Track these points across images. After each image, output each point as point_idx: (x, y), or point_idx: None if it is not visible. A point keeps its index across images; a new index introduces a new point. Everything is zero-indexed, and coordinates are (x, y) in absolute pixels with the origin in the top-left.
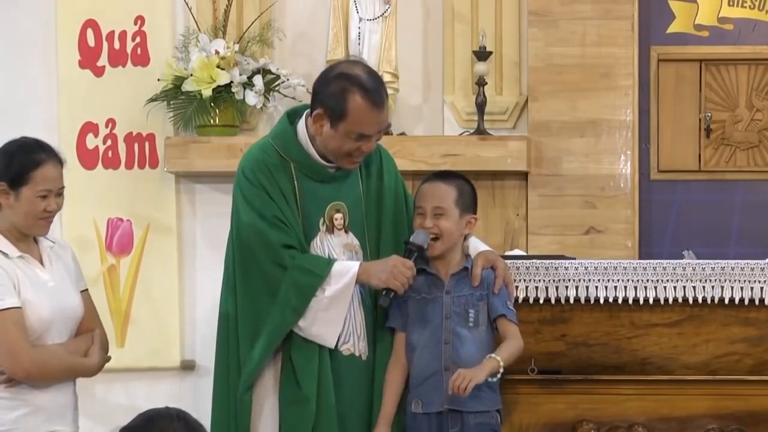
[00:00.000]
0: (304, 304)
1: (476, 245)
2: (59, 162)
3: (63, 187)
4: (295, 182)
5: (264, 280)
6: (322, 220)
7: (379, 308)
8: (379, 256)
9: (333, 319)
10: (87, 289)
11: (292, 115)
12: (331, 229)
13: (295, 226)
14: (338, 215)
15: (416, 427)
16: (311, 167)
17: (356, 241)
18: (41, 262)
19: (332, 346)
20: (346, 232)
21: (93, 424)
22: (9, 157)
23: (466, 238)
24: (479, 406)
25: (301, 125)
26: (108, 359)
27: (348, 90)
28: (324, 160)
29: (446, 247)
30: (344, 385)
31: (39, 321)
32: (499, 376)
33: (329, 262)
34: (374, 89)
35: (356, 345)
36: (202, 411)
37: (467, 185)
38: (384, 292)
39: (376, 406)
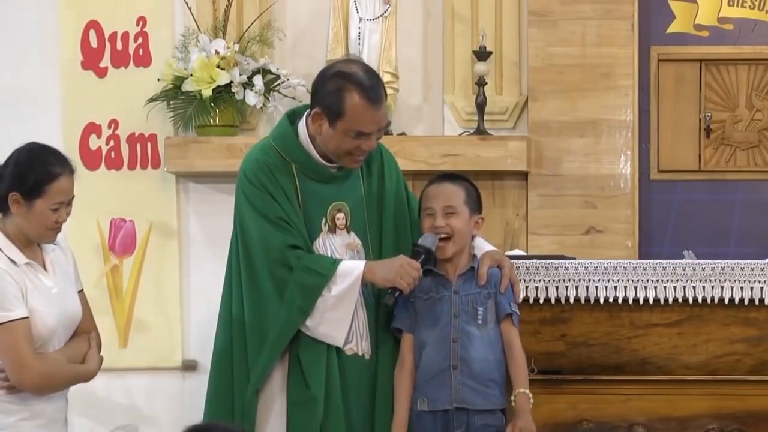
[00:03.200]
0: (310, 304)
1: (482, 245)
2: (72, 172)
3: (73, 197)
4: (297, 183)
5: (270, 281)
6: (324, 220)
7: (383, 306)
8: (381, 256)
9: (340, 318)
10: (82, 290)
11: (293, 116)
12: (333, 229)
13: (299, 226)
14: (340, 215)
15: (421, 426)
16: (312, 168)
17: (358, 241)
18: (44, 267)
19: (341, 345)
20: (348, 231)
21: (93, 424)
22: (24, 168)
23: (473, 239)
24: (486, 404)
25: (301, 126)
26: (101, 360)
27: (345, 88)
28: (325, 160)
29: (457, 247)
30: (348, 385)
31: (45, 329)
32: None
33: (334, 261)
34: (371, 87)
35: (359, 344)
36: (203, 411)
37: (472, 186)
38: (389, 291)
39: (380, 405)
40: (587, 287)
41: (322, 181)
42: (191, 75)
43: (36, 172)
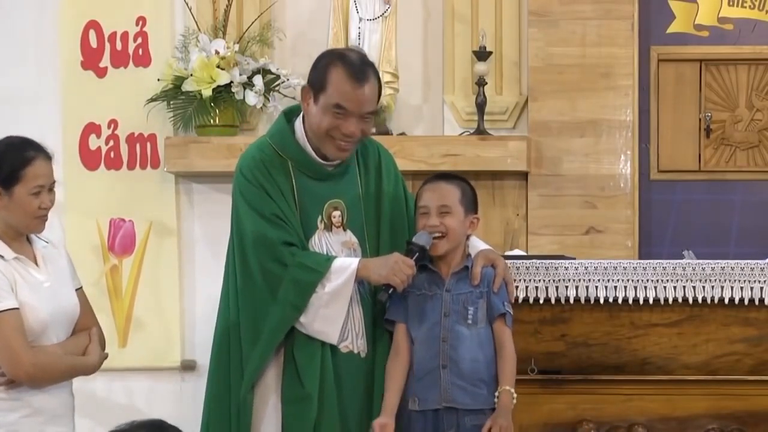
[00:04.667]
0: (304, 301)
1: (477, 245)
2: (48, 157)
3: (54, 182)
4: (293, 180)
5: (265, 278)
6: (320, 218)
7: (378, 303)
8: (378, 255)
9: (334, 315)
10: (81, 287)
11: (289, 114)
12: (329, 226)
13: (294, 224)
14: (336, 213)
15: (411, 426)
16: (308, 165)
17: (355, 239)
18: (35, 263)
19: (335, 342)
20: (344, 229)
21: (93, 424)
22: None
23: (468, 238)
24: (475, 404)
25: (298, 123)
26: (105, 356)
27: (331, 63)
28: (322, 159)
29: (451, 246)
30: (343, 383)
31: (37, 322)
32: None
33: (329, 258)
34: (357, 65)
35: (355, 342)
36: (202, 411)
37: (468, 186)
38: (383, 288)
39: (376, 403)
40: (587, 287)
41: (319, 178)
42: (191, 75)
43: (10, 160)
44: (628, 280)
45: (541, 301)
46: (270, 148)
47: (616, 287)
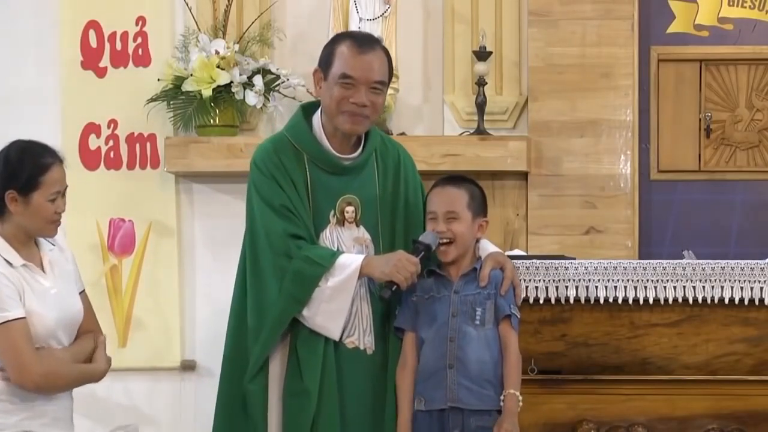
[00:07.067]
0: (306, 294)
1: (487, 247)
2: (62, 162)
3: (67, 186)
4: (307, 173)
5: (270, 269)
6: (332, 212)
7: (380, 299)
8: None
9: (336, 310)
10: (84, 290)
11: (308, 109)
12: (341, 221)
13: (304, 217)
14: (349, 208)
15: (417, 425)
16: (324, 158)
17: (368, 236)
18: (42, 268)
19: (336, 338)
20: (357, 225)
21: (93, 424)
22: (16, 164)
23: (477, 240)
24: (481, 404)
25: (316, 117)
26: (110, 359)
27: (337, 40)
28: (338, 153)
29: (459, 252)
30: (347, 379)
31: (44, 329)
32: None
33: (334, 253)
34: (361, 37)
35: (361, 338)
36: (202, 411)
37: (477, 189)
38: (386, 285)
39: (388, 400)
40: (587, 287)
41: (334, 173)
42: (191, 75)
43: (28, 166)
44: (628, 280)
45: (541, 301)
46: (286, 140)
47: (616, 287)
